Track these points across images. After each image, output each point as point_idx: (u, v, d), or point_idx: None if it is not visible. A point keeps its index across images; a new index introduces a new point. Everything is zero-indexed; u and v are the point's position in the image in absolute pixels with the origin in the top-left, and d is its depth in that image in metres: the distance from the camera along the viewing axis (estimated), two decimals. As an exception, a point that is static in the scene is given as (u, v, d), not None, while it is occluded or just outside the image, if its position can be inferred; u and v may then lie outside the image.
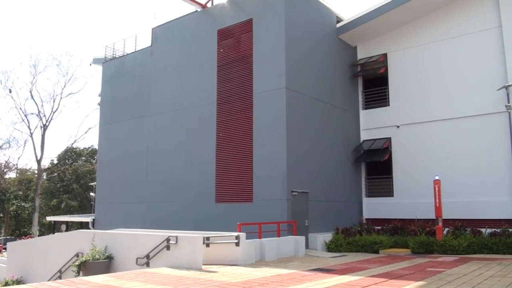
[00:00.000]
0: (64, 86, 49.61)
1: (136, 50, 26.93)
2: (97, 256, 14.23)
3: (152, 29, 25.73)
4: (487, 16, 21.04)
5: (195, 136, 22.31)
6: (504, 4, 20.51)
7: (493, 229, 18.30)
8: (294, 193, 18.95)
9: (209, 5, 23.14)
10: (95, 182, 31.43)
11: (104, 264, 14.20)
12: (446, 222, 19.04)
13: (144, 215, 23.76)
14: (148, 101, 25.05)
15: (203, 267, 12.84)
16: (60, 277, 16.21)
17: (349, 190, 22.90)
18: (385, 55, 23.75)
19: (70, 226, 41.61)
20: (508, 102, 19.52)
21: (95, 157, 52.44)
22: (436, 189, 18.38)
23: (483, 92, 20.65)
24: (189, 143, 22.54)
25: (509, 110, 19.45)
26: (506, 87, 19.57)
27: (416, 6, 22.06)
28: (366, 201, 23.54)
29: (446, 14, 22.18)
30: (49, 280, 15.13)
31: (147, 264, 13.49)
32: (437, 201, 18.28)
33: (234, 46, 21.59)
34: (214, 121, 21.53)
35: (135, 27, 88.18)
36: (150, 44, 25.78)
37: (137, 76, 26.16)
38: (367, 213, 23.22)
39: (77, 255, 15.69)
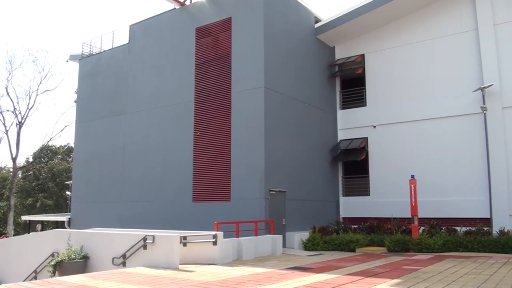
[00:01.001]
0: (40, 83, 48.73)
1: (114, 47, 26.65)
2: (73, 256, 14.08)
3: (130, 26, 25.50)
4: (464, 19, 21.38)
5: (173, 134, 22.19)
6: (481, 8, 20.88)
7: (468, 228, 18.60)
8: (271, 192, 18.99)
9: (187, 3, 23.03)
10: (71, 181, 31.05)
11: (80, 264, 14.06)
12: (422, 221, 19.31)
13: (121, 214, 23.55)
14: (125, 99, 24.84)
15: (180, 266, 12.81)
16: (35, 278, 16.00)
17: (326, 189, 23.05)
18: (362, 55, 23.96)
19: (45, 225, 41.03)
20: (484, 104, 19.85)
21: (71, 155, 51.83)
22: (412, 188, 18.65)
23: (459, 93, 20.99)
24: (166, 142, 22.41)
25: (485, 112, 19.78)
26: (482, 89, 19.90)
27: (394, 8, 22.32)
28: (343, 200, 23.73)
29: (423, 16, 22.48)
30: (24, 281, 14.90)
31: (124, 264, 13.37)
32: (413, 200, 18.54)
33: (213, 45, 21.53)
34: (192, 119, 21.46)
35: (112, 23, 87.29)
36: (127, 41, 25.56)
37: (114, 73, 25.90)
38: (344, 212, 23.42)
39: (52, 255, 15.51)
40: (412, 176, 18.93)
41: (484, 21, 20.74)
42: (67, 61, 32.61)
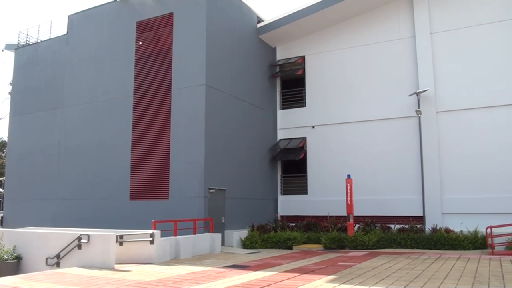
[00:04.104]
0: (-26, 72, 46.43)
1: (51, 37, 25.66)
2: (5, 257, 13.56)
3: (69, 16, 24.65)
4: (402, 26, 22.17)
5: (110, 130, 21.69)
6: (419, 17, 21.72)
7: (401, 225, 19.40)
8: (211, 190, 18.98)
9: (129, -5, 22.58)
10: (3, 177, 29.76)
11: (12, 265, 13.56)
12: (357, 219, 19.94)
13: (56, 213, 22.77)
14: (61, 92, 24.02)
15: (116, 266, 12.63)
16: (-34, 280, 15.27)
17: (265, 187, 23.27)
18: (303, 57, 24.32)
19: (-26, 223, 39.16)
20: (418, 108, 20.64)
21: (5, 150, 49.64)
22: (348, 187, 19.20)
23: (396, 97, 21.75)
24: (103, 138, 21.86)
25: (419, 115, 20.58)
26: (417, 94, 20.71)
27: (334, 13, 22.81)
28: (281, 199, 24.04)
29: (363, 22, 23.11)
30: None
31: (58, 264, 13.02)
32: (349, 198, 19.10)
33: (154, 40, 21.23)
34: (131, 115, 21.06)
35: (51, 12, 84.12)
36: (65, 32, 24.72)
37: (51, 65, 24.97)
38: (282, 210, 23.73)
39: (-16, 255, 14.85)
40: (348, 176, 19.52)
41: (421, 29, 21.60)
42: (2, 50, 31.14)
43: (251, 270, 11.94)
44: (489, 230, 17.05)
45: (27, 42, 26.91)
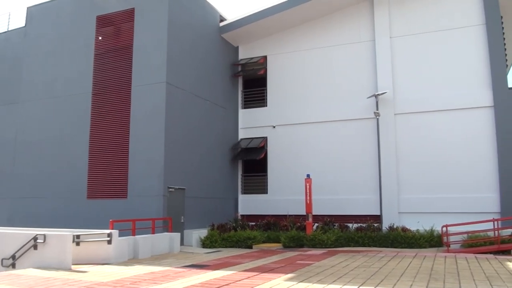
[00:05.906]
0: None
1: (9, 29, 24.82)
2: (-43, 258, 13.09)
3: (27, 8, 23.92)
4: (362, 30, 22.59)
5: (68, 127, 21.19)
6: (379, 21, 22.19)
7: (359, 224, 19.76)
8: (170, 189, 18.82)
9: (89, -11, 22.11)
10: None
11: (-35, 266, 13.11)
12: (316, 218, 20.21)
13: (10, 212, 22.05)
14: (18, 87, 23.24)
15: (73, 267, 12.39)
16: None
17: (226, 187, 23.26)
18: (265, 57, 24.46)
19: None
20: (377, 109, 21.05)
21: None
22: (307, 187, 19.42)
23: (355, 98, 22.13)
24: (61, 135, 21.33)
25: (377, 117, 20.98)
26: (376, 96, 21.13)
27: (296, 14, 23.01)
28: (242, 198, 24.10)
29: (325, 24, 23.41)
30: None
31: (13, 265, 12.64)
32: (308, 198, 19.30)
33: (114, 35, 20.87)
34: (89, 112, 20.62)
35: (10, 2, 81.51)
36: (24, 24, 23.95)
37: (8, 58, 24.12)
38: (242, 210, 23.79)
39: None
40: (308, 175, 19.72)
41: (381, 33, 22.06)
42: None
43: (210, 270, 11.93)
44: (444, 228, 17.60)
45: (-16, 34, 26.00)
